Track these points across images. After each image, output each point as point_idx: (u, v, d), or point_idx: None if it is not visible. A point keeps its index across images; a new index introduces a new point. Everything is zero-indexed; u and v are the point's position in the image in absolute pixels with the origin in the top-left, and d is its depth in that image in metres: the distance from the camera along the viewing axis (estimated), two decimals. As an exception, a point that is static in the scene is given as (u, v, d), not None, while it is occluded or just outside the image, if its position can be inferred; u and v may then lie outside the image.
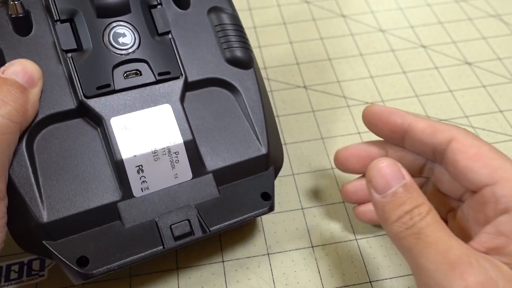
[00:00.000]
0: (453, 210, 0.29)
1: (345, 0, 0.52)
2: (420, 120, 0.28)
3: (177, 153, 0.29)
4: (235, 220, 0.29)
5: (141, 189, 0.28)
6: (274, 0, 0.52)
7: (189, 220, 0.28)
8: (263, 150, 0.31)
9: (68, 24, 0.28)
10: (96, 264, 0.26)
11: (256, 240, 0.33)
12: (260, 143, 0.31)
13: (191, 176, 0.29)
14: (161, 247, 0.27)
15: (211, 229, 0.28)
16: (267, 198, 0.30)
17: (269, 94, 0.43)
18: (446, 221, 0.30)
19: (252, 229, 0.34)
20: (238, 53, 0.32)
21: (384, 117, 0.29)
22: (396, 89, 0.43)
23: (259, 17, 0.50)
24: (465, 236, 0.26)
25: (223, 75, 0.31)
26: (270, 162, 0.31)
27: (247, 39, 0.33)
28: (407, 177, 0.25)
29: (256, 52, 0.47)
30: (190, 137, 0.29)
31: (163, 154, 0.28)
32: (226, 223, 0.28)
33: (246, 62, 0.32)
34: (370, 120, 0.30)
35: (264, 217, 0.35)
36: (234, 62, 0.32)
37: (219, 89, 0.31)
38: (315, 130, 0.40)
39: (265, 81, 0.44)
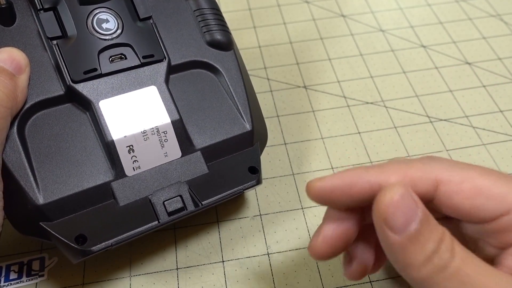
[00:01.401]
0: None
1: (345, 0, 0.52)
2: (391, 175, 0.22)
3: (165, 132, 0.30)
4: (226, 193, 0.30)
5: (133, 168, 0.29)
6: (274, 0, 0.52)
7: (181, 196, 0.29)
8: (248, 127, 0.32)
9: (51, 12, 0.29)
10: (94, 241, 0.27)
11: (256, 240, 0.33)
12: (244, 120, 0.32)
13: (180, 154, 0.30)
14: (156, 221, 0.28)
15: (203, 203, 0.29)
16: (255, 171, 0.31)
17: (269, 94, 0.43)
18: None
19: (252, 229, 0.34)
20: (218, 35, 0.33)
21: (345, 190, 0.22)
22: (396, 89, 0.43)
23: (259, 17, 0.50)
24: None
25: (205, 57, 0.32)
26: (255, 138, 0.32)
27: (225, 22, 0.34)
28: (421, 204, 0.20)
29: (256, 52, 0.47)
30: (177, 116, 0.30)
31: (152, 133, 0.29)
32: (217, 196, 0.29)
33: (226, 44, 0.33)
34: (328, 198, 0.23)
35: (264, 217, 0.35)
36: (214, 44, 0.33)
37: (202, 71, 0.32)
38: (315, 130, 0.40)
39: (265, 81, 0.44)
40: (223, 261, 0.32)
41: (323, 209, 0.35)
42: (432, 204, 0.22)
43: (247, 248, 0.33)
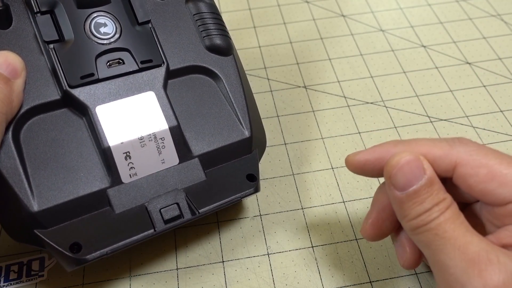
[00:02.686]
0: (468, 204, 0.27)
1: (345, 0, 0.52)
2: (416, 150, 0.25)
3: (163, 139, 0.29)
4: (223, 201, 0.29)
5: (129, 175, 0.29)
6: (274, 0, 0.52)
7: (178, 204, 0.29)
8: (246, 134, 0.32)
9: (48, 15, 0.29)
10: (89, 249, 0.26)
11: (256, 240, 0.33)
12: (243, 127, 0.32)
13: (177, 161, 0.30)
14: (152, 230, 0.28)
15: (200, 211, 0.29)
16: (253, 179, 0.31)
17: (269, 94, 0.43)
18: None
19: (252, 229, 0.34)
20: (218, 40, 0.32)
21: (376, 163, 0.26)
22: (396, 89, 0.43)
23: (259, 17, 0.50)
24: (479, 232, 0.25)
25: (204, 62, 0.32)
26: (254, 145, 0.32)
27: (225, 27, 0.34)
28: (429, 171, 0.24)
29: (256, 52, 0.47)
30: (175, 123, 0.30)
31: (149, 140, 0.29)
32: (214, 204, 0.29)
33: (225, 49, 0.33)
34: (363, 171, 0.27)
35: (264, 217, 0.35)
36: (214, 49, 0.32)
37: (201, 76, 0.32)
38: (315, 130, 0.40)
39: (265, 81, 0.44)
40: (223, 261, 0.32)
41: (322, 209, 0.35)
42: (452, 180, 0.25)
43: (247, 248, 0.33)
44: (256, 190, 0.30)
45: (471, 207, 0.27)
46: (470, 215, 0.27)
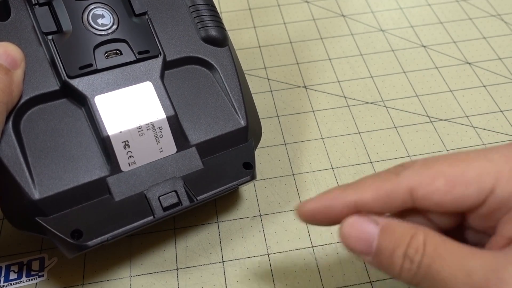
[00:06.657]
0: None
1: (345, 0, 0.52)
2: (365, 192, 0.22)
3: (160, 128, 0.30)
4: (220, 189, 0.30)
5: (128, 163, 0.29)
6: (274, 0, 0.52)
7: (176, 191, 0.29)
8: (242, 123, 0.32)
9: (46, 7, 0.29)
10: (90, 236, 0.27)
11: (256, 240, 0.33)
12: (239, 116, 0.32)
13: (175, 149, 0.30)
14: (152, 217, 0.28)
15: (198, 198, 0.29)
16: (249, 167, 0.31)
17: (269, 94, 0.43)
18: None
19: (252, 229, 0.34)
20: (213, 32, 0.33)
21: (326, 212, 0.23)
22: (396, 89, 0.43)
23: (259, 17, 0.50)
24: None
25: (200, 53, 0.33)
26: (250, 134, 0.33)
27: (220, 18, 0.34)
28: (380, 220, 0.22)
29: (256, 52, 0.47)
30: (172, 112, 0.30)
31: (147, 129, 0.29)
32: (211, 192, 0.30)
33: (221, 40, 0.33)
34: (315, 221, 0.24)
35: (264, 217, 0.35)
36: (209, 40, 0.33)
37: (197, 67, 0.33)
38: (315, 130, 0.40)
39: (265, 81, 0.44)
40: (223, 261, 0.32)
41: (323, 209, 0.35)
42: (418, 208, 0.22)
43: (247, 248, 0.33)
44: (253, 177, 0.31)
45: (459, 229, 0.24)
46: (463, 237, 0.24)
